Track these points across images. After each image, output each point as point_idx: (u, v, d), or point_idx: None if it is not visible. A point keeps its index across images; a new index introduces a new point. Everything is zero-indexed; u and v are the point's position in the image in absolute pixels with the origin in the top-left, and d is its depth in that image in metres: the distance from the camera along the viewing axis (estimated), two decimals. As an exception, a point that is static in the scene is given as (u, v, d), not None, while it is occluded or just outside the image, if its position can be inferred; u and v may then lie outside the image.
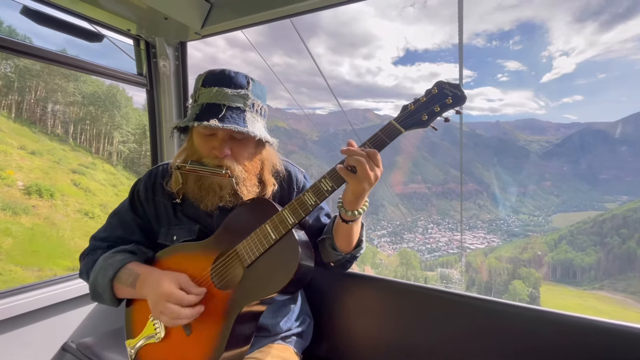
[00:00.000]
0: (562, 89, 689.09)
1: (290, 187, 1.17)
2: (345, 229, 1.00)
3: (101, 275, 0.99)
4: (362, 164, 0.84)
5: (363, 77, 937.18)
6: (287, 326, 1.17)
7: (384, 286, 1.33)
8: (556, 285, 78.56)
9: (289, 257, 0.87)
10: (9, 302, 1.38)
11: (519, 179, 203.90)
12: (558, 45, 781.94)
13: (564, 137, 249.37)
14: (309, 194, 0.90)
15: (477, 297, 1.17)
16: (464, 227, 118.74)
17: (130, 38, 1.67)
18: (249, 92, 0.98)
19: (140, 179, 1.17)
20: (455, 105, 0.87)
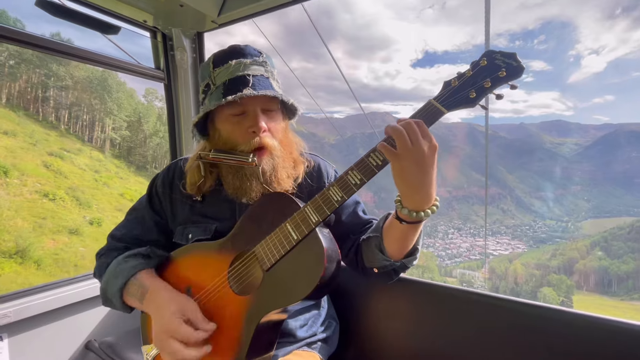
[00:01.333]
0: (591, 89, 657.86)
1: (320, 182, 1.06)
2: (399, 230, 0.82)
3: (111, 283, 0.93)
4: (400, 134, 0.68)
5: (381, 81, 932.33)
6: (312, 331, 1.07)
7: (418, 288, 1.21)
8: (589, 294, 73.11)
9: (313, 261, 0.77)
10: (32, 300, 1.37)
11: (545, 183, 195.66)
12: (587, 44, 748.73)
13: (595, 139, 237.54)
14: (335, 188, 0.77)
15: (523, 301, 1.04)
16: (486, 232, 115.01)
17: (147, 30, 1.63)
18: (265, 59, 0.93)
19: (158, 174, 1.11)
20: (511, 78, 0.71)
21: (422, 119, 0.72)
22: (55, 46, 1.32)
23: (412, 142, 0.68)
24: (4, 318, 1.26)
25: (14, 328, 1.32)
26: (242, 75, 0.88)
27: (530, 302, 1.03)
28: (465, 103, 0.72)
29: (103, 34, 1.41)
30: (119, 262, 0.95)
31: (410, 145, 0.67)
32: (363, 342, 1.27)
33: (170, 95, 1.79)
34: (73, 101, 40.34)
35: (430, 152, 0.69)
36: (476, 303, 1.08)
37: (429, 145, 0.69)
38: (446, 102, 0.73)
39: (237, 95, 0.82)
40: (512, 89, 0.72)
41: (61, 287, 1.48)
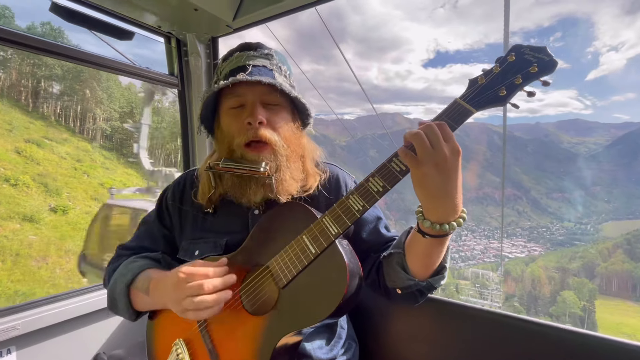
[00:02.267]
0: (611, 87, 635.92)
1: (338, 193, 0.98)
2: (422, 245, 0.74)
3: (119, 281, 0.89)
4: (420, 138, 0.62)
5: (392, 81, 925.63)
6: (332, 354, 1.00)
7: (445, 308, 1.12)
8: (612, 299, 69.28)
9: (334, 277, 0.72)
10: (41, 312, 1.34)
11: (563, 183, 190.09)
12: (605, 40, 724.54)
13: (615, 138, 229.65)
14: (355, 196, 0.71)
15: (564, 327, 0.96)
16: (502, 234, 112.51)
17: (161, 36, 1.60)
18: (272, 53, 0.88)
19: (168, 186, 1.07)
20: (543, 74, 0.66)
21: (448, 119, 0.67)
22: (70, 52, 1.30)
23: (433, 145, 0.62)
24: (13, 330, 1.23)
25: (23, 341, 1.29)
26: (243, 64, 0.84)
27: (573, 329, 0.94)
28: (496, 101, 0.67)
29: (117, 39, 1.38)
30: (128, 262, 0.93)
31: (431, 149, 0.62)
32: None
33: (183, 101, 1.75)
34: (63, 90, 39.31)
35: (453, 156, 0.63)
36: (511, 327, 0.99)
37: (452, 149, 0.63)
38: (474, 100, 0.68)
39: (229, 80, 0.77)
40: (545, 85, 0.68)
41: (70, 298, 1.46)
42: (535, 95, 0.67)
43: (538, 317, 43.84)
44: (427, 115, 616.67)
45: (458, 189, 0.66)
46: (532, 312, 58.84)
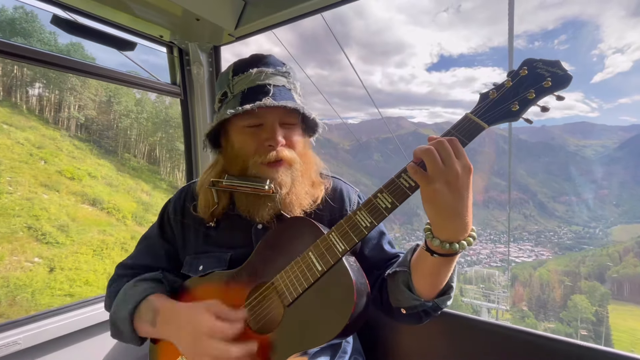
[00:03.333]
0: (617, 89, 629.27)
1: (342, 209, 0.96)
2: (430, 264, 0.71)
3: (120, 309, 0.85)
4: (430, 154, 0.60)
5: (396, 85, 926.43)
6: None
7: (456, 322, 1.09)
8: (624, 304, 66.52)
9: (341, 296, 0.70)
10: (42, 325, 1.32)
11: (570, 187, 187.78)
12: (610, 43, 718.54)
13: (623, 140, 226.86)
14: (363, 212, 0.70)
15: (583, 344, 0.95)
16: (506, 239, 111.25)
17: (163, 45, 1.60)
18: (289, 70, 0.86)
19: (170, 199, 1.04)
20: (557, 88, 0.64)
21: (459, 135, 0.66)
22: (72, 64, 1.30)
23: (444, 162, 0.60)
24: (14, 345, 1.21)
25: (24, 355, 1.26)
26: (263, 84, 0.81)
27: (592, 346, 0.91)
28: (508, 116, 0.66)
29: (119, 50, 1.37)
30: (129, 288, 0.89)
31: (442, 166, 0.60)
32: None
33: (186, 110, 1.74)
34: (34, 76, 37.22)
35: (465, 173, 0.61)
36: (525, 343, 0.95)
37: (463, 166, 0.61)
38: (486, 115, 0.66)
39: (256, 104, 0.76)
40: (559, 100, 0.66)
41: (72, 310, 1.43)
42: (549, 111, 0.65)
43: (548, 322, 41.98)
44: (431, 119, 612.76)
45: (469, 207, 0.64)
46: (541, 317, 57.44)
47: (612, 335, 49.53)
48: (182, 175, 32.92)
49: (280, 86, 0.83)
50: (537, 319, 53.73)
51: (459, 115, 0.71)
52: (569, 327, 49.83)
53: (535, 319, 52.94)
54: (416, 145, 0.64)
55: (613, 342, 48.87)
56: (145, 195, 29.56)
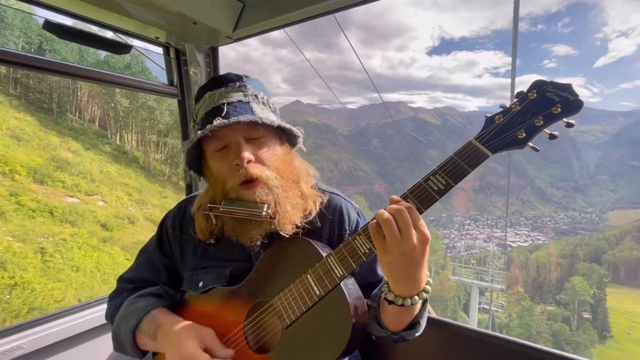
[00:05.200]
0: (619, 74, 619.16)
1: (341, 227, 0.95)
2: (391, 309, 0.73)
3: (123, 324, 0.87)
4: (389, 225, 0.61)
5: (396, 70, 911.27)
6: None
7: (453, 331, 1.13)
8: (620, 287, 67.24)
9: (338, 323, 0.70)
10: (46, 329, 1.35)
11: (568, 172, 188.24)
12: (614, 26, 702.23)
13: (623, 126, 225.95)
14: (362, 238, 0.70)
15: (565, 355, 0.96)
16: (504, 223, 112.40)
17: (159, 46, 1.56)
18: (244, 83, 0.84)
19: (168, 213, 1.04)
20: (566, 114, 0.61)
21: (462, 162, 0.64)
22: (70, 69, 1.28)
23: (402, 234, 0.61)
24: (18, 350, 1.23)
25: (29, 359, 1.29)
26: (217, 105, 0.80)
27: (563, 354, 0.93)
28: (514, 144, 0.63)
29: (115, 54, 1.35)
30: (130, 303, 0.91)
31: (399, 239, 0.60)
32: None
33: (184, 111, 1.72)
34: None
35: (421, 245, 0.62)
36: (519, 355, 0.98)
37: (420, 238, 0.62)
38: (491, 143, 0.64)
39: (207, 129, 0.74)
40: (568, 127, 0.62)
41: (75, 313, 1.45)
42: (557, 138, 0.63)
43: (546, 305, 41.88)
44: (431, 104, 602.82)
45: (423, 269, 0.65)
46: (537, 299, 58.29)
47: (610, 318, 49.98)
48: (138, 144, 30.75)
49: (235, 102, 0.81)
50: (533, 302, 54.50)
51: (458, 100, 0.72)
52: (565, 310, 50.13)
53: (532, 301, 53.69)
54: (416, 131, 0.63)
55: (610, 325, 49.26)
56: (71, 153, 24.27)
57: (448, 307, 46.45)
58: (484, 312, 41.10)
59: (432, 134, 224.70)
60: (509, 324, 47.65)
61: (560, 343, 43.03)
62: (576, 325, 47.54)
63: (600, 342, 47.52)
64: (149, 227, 20.01)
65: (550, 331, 45.34)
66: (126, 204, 21.89)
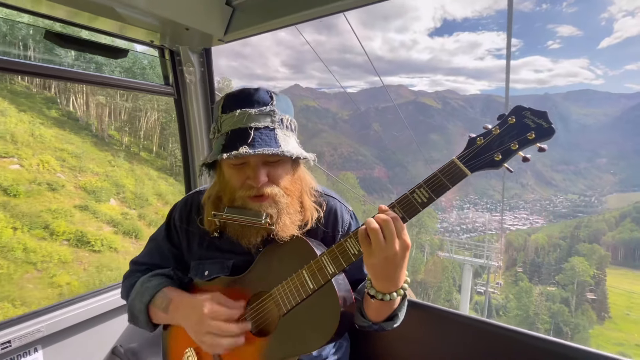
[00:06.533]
0: (624, 55, 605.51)
1: (335, 228, 1.06)
2: (372, 302, 0.86)
3: (138, 300, 0.99)
4: (376, 234, 0.70)
5: (396, 52, 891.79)
6: (324, 354, 1.13)
7: (429, 313, 1.25)
8: (618, 268, 67.15)
9: (328, 313, 0.79)
10: (62, 314, 1.49)
11: (569, 156, 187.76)
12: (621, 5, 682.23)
13: (625, 109, 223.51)
14: (352, 240, 0.78)
15: (535, 335, 1.06)
16: (504, 207, 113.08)
17: (155, 48, 1.63)
18: (274, 107, 0.89)
19: (176, 205, 1.15)
20: (539, 140, 0.68)
21: (444, 178, 0.72)
22: (70, 74, 1.35)
23: (386, 240, 0.70)
24: (38, 332, 1.38)
25: (47, 340, 1.44)
26: (245, 127, 0.85)
27: (553, 340, 1.04)
28: (491, 166, 0.71)
29: (112, 58, 1.41)
30: (144, 281, 1.02)
31: (384, 245, 0.70)
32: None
33: (180, 109, 1.80)
34: None
35: (402, 251, 0.72)
36: (494, 335, 1.10)
37: (402, 245, 0.72)
38: (470, 163, 0.71)
39: (233, 154, 0.81)
40: (540, 152, 0.69)
41: (88, 299, 1.60)
42: (530, 161, 0.69)
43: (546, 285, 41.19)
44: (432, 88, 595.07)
45: (402, 272, 0.77)
46: (535, 280, 58.80)
47: (609, 299, 50.14)
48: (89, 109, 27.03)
49: (262, 128, 0.86)
50: (531, 282, 54.91)
51: (460, 84, 0.76)
52: (564, 291, 50.10)
53: (530, 282, 54.09)
54: (417, 114, 0.66)
55: (609, 306, 49.39)
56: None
57: (442, 289, 45.28)
58: (481, 295, 41.37)
59: (433, 117, 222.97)
60: (506, 305, 47.78)
61: (559, 324, 43.05)
62: (575, 307, 47.39)
63: (599, 323, 47.40)
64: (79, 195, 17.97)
65: (549, 312, 45.20)
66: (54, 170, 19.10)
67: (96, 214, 17.15)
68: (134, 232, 17.68)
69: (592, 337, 43.59)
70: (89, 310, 1.56)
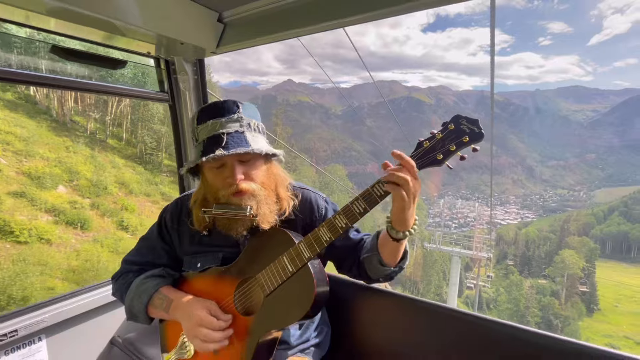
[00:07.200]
0: (613, 52, 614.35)
1: (312, 215, 1.19)
2: (393, 246, 1.00)
3: (136, 301, 1.10)
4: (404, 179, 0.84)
5: (389, 47, 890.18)
6: (305, 337, 1.26)
7: (403, 302, 1.39)
8: (606, 261, 68.70)
9: (305, 291, 0.93)
10: (64, 305, 1.59)
11: (559, 151, 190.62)
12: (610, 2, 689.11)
13: (614, 105, 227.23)
14: (324, 229, 0.93)
15: (499, 321, 1.19)
16: (494, 202, 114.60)
17: (151, 58, 1.73)
18: (241, 114, 1.03)
19: (167, 207, 1.26)
20: (473, 142, 0.83)
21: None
22: (66, 83, 1.44)
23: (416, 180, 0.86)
24: (42, 322, 1.49)
25: (51, 330, 1.55)
26: (218, 134, 0.98)
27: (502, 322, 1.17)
28: (434, 164, 0.86)
29: (112, 69, 1.51)
30: (140, 284, 1.13)
31: (412, 185, 0.85)
32: (352, 346, 1.46)
33: (175, 115, 1.91)
34: None
35: (419, 189, 0.89)
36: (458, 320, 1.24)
37: (419, 184, 0.88)
38: (418, 161, 0.86)
39: (210, 157, 0.94)
40: (474, 152, 0.84)
41: (88, 292, 1.71)
42: (466, 159, 0.84)
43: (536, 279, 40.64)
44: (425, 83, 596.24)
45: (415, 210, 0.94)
46: (525, 273, 59.56)
47: (598, 291, 50.62)
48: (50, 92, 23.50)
49: (232, 132, 0.99)
50: (522, 275, 55.55)
51: (453, 79, 0.88)
52: (554, 284, 50.35)
53: (520, 275, 54.76)
54: (409, 110, 0.77)
55: (598, 298, 49.82)
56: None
57: (432, 283, 45.04)
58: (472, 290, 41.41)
59: (426, 113, 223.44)
60: (496, 298, 48.08)
61: (549, 317, 43.34)
62: (564, 299, 47.77)
63: (588, 316, 47.92)
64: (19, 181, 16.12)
65: (539, 305, 45.56)
66: (-8, 154, 17.73)
67: (34, 201, 15.14)
68: (79, 222, 15.81)
69: (582, 329, 44.00)
70: (90, 302, 1.66)
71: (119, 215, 18.02)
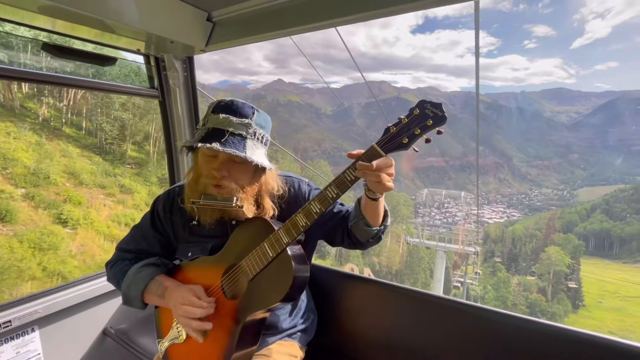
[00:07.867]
0: (594, 55, 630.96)
1: (297, 201, 1.25)
2: (373, 205, 1.06)
3: (133, 288, 1.17)
4: (374, 173, 0.90)
5: (379, 48, 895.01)
6: (292, 323, 1.33)
7: (385, 289, 1.46)
8: (589, 258, 69.95)
9: (285, 273, 0.99)
10: (57, 297, 1.62)
11: (544, 152, 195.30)
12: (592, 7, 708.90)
13: (596, 107, 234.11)
14: (300, 215, 0.99)
15: (473, 304, 1.28)
16: (482, 201, 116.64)
17: (141, 55, 1.76)
18: (252, 121, 1.07)
19: (159, 197, 1.31)
20: (436, 126, 0.85)
21: (365, 159, 0.91)
22: (57, 79, 1.47)
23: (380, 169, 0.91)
24: (35, 314, 1.52)
25: (44, 321, 1.58)
26: (224, 129, 1.04)
27: (482, 306, 1.25)
28: (401, 147, 0.88)
29: (102, 66, 1.54)
30: (136, 272, 1.19)
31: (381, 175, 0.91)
32: (337, 331, 1.54)
33: (165, 110, 1.95)
34: None
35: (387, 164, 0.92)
36: (436, 305, 1.33)
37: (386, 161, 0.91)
38: (385, 146, 0.90)
39: (206, 145, 0.99)
40: (439, 134, 0.87)
41: (81, 284, 1.74)
42: (431, 142, 0.87)
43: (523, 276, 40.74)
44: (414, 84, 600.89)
45: None
46: (512, 270, 60.47)
47: (583, 288, 51.65)
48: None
49: (237, 134, 1.04)
50: (509, 272, 56.40)
51: (441, 80, 0.84)
52: (541, 281, 51.05)
53: (507, 272, 55.62)
54: (399, 110, 0.79)
55: (583, 294, 50.75)
56: None
57: (418, 281, 44.88)
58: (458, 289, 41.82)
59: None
60: (484, 296, 48.43)
61: (537, 314, 43.59)
62: (551, 296, 48.46)
63: (574, 312, 48.69)
64: None
65: (527, 302, 46.06)
66: None
67: (-54, 190, 13.29)
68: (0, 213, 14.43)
69: (568, 325, 45.27)
70: (82, 294, 1.70)
71: (59, 207, 16.79)
